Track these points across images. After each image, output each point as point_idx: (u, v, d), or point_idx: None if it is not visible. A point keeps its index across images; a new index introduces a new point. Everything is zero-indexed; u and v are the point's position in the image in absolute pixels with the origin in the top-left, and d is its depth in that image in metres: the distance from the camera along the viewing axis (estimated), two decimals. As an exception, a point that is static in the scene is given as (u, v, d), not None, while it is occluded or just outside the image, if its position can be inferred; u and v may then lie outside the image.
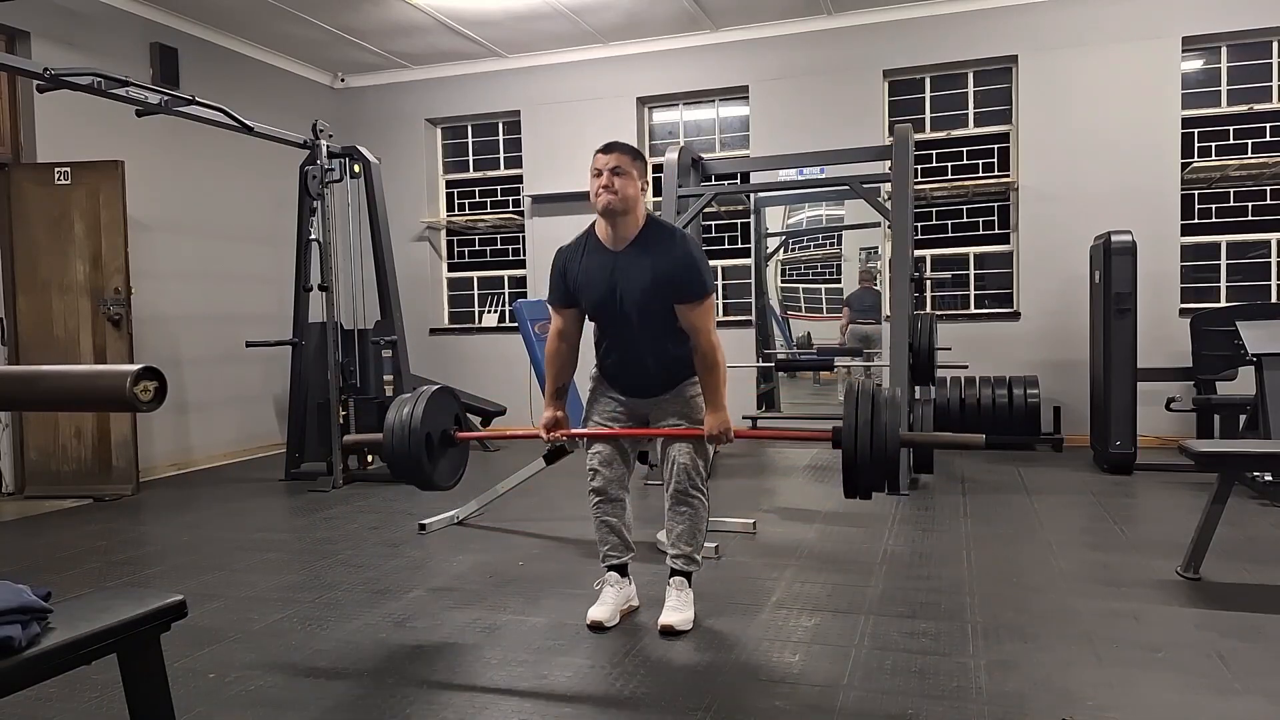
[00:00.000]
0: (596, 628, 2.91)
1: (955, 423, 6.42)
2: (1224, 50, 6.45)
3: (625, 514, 3.04)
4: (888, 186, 5.65)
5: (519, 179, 8.06)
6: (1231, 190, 6.52)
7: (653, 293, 2.78)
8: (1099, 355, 5.58)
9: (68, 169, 5.49)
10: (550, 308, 3.02)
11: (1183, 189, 6.44)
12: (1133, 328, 5.37)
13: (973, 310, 7.06)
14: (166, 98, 4.90)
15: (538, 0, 6.54)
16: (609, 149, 2.83)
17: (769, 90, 7.28)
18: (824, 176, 6.57)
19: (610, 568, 3.04)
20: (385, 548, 4.10)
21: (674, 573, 2.98)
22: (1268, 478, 4.58)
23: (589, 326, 3.03)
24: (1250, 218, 6.50)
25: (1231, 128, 6.46)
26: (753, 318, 7.37)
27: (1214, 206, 6.57)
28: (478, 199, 8.39)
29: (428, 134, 8.31)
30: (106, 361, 5.48)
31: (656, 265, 2.77)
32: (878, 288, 6.97)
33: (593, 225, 2.90)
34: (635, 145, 2.92)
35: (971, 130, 6.98)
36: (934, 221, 7.14)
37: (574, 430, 3.03)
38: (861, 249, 7.21)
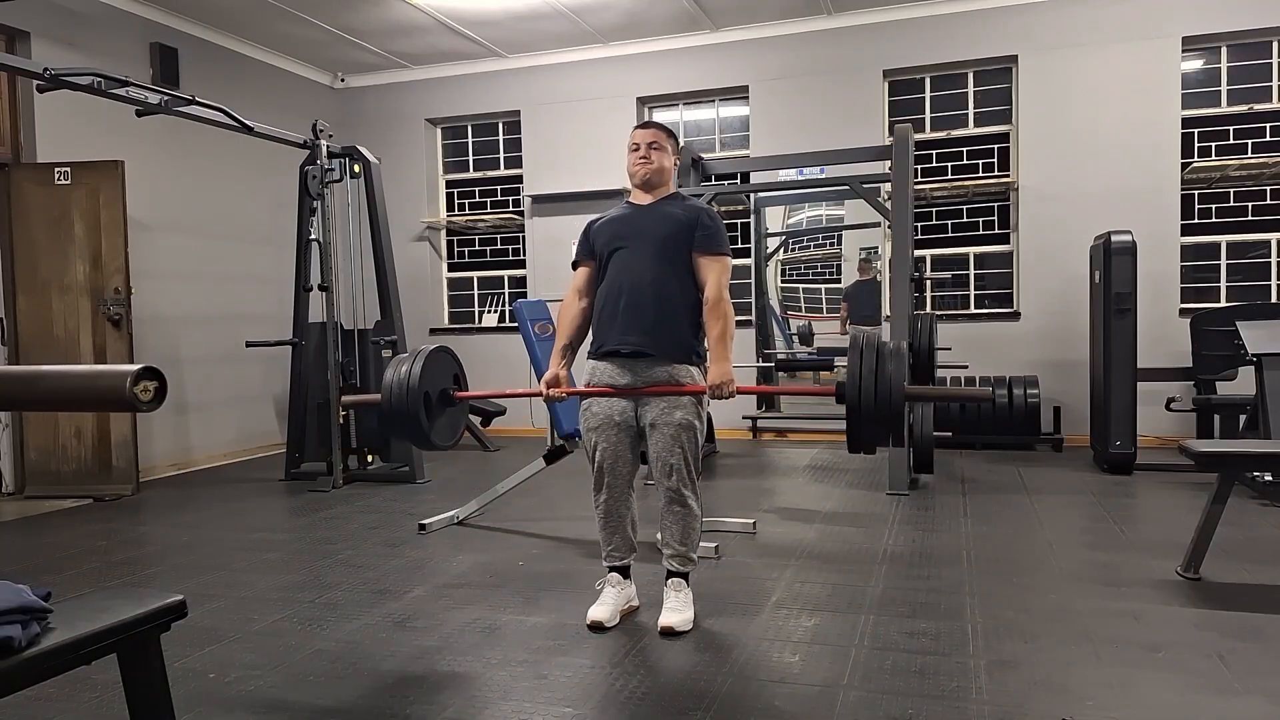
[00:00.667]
0: (596, 628, 2.91)
1: (955, 422, 6.43)
2: (1224, 50, 6.45)
3: (629, 513, 3.04)
4: (888, 186, 5.65)
5: (519, 179, 8.06)
6: (1231, 190, 6.52)
7: (674, 235, 2.93)
8: (1099, 355, 5.58)
9: (68, 169, 5.49)
10: (573, 271, 3.12)
11: (1183, 189, 6.44)
12: (1133, 328, 5.37)
13: (973, 310, 7.07)
14: (166, 98, 4.90)
15: (538, 0, 6.54)
16: (646, 125, 3.06)
17: (769, 90, 7.28)
18: (824, 176, 6.58)
19: (612, 568, 3.04)
20: (385, 548, 4.10)
21: (671, 574, 2.98)
22: (1268, 478, 4.58)
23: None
24: (1250, 218, 6.50)
25: (1231, 128, 6.46)
26: (753, 318, 7.37)
27: (1214, 206, 6.57)
28: (478, 199, 8.40)
29: (428, 134, 8.31)
30: (106, 361, 5.48)
31: (682, 215, 2.96)
32: (877, 279, 6.94)
33: (624, 201, 3.12)
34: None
35: (971, 130, 6.98)
36: (934, 221, 7.15)
37: (573, 389, 3.03)
38: (861, 249, 7.21)
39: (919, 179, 6.88)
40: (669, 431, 2.86)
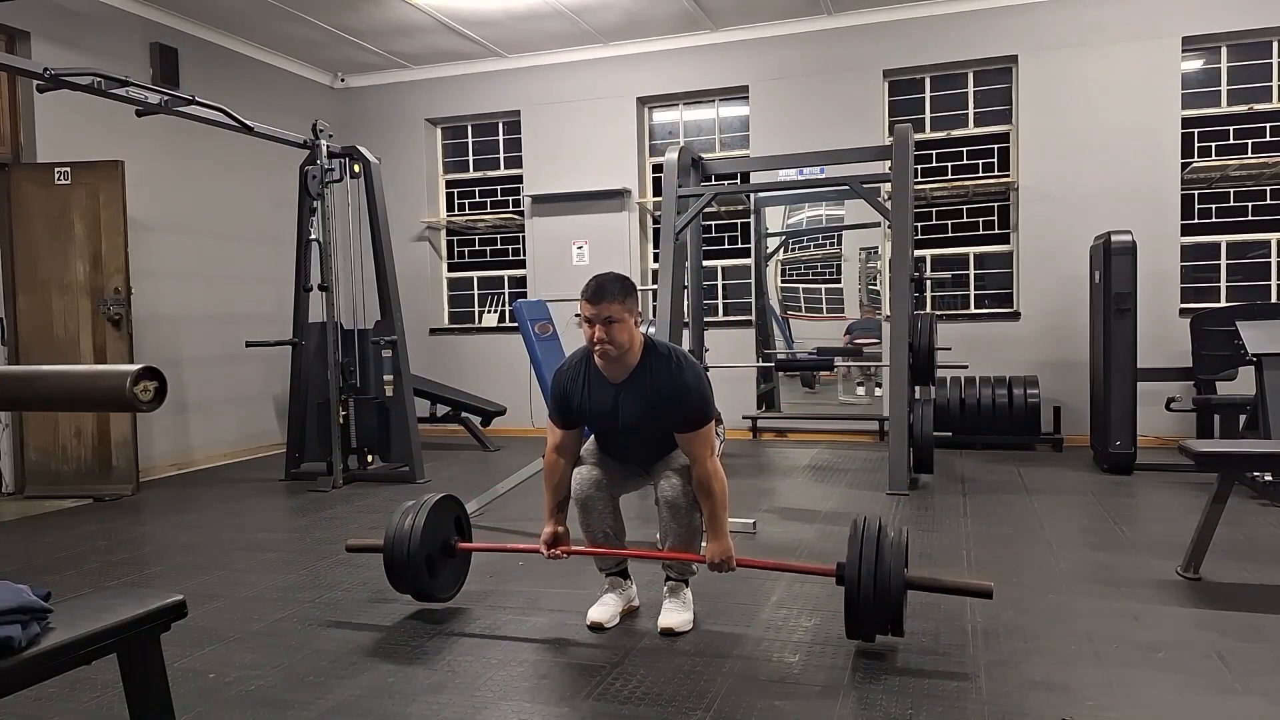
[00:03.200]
0: (596, 628, 2.91)
1: (955, 423, 6.43)
2: (1224, 50, 6.45)
3: (616, 520, 3.01)
4: (888, 186, 5.65)
5: (519, 179, 8.06)
6: (1231, 190, 6.53)
7: (653, 419, 2.80)
8: (1099, 355, 5.58)
9: (68, 169, 5.49)
10: (549, 422, 3.00)
11: (1183, 189, 6.44)
12: (1133, 328, 5.37)
13: (973, 310, 7.07)
14: (166, 98, 4.90)
15: (538, 0, 6.54)
16: (596, 298, 2.69)
17: (769, 90, 7.28)
18: (824, 176, 6.57)
19: (609, 575, 3.04)
20: (385, 548, 4.09)
21: (670, 577, 2.98)
22: (1268, 478, 4.58)
23: None
24: (1250, 218, 6.50)
25: (1231, 128, 6.46)
26: (753, 318, 7.37)
27: (1214, 206, 6.57)
28: (478, 199, 8.40)
29: (428, 134, 8.31)
30: (106, 361, 5.48)
31: (657, 394, 2.77)
32: (879, 317, 6.96)
33: (590, 353, 2.83)
34: (623, 277, 2.82)
35: (971, 130, 6.98)
36: (934, 221, 7.15)
37: (575, 548, 3.01)
38: (861, 249, 7.21)
39: (919, 179, 6.88)
40: (677, 468, 2.89)
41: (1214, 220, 6.57)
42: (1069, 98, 6.59)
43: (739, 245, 7.66)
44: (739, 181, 7.09)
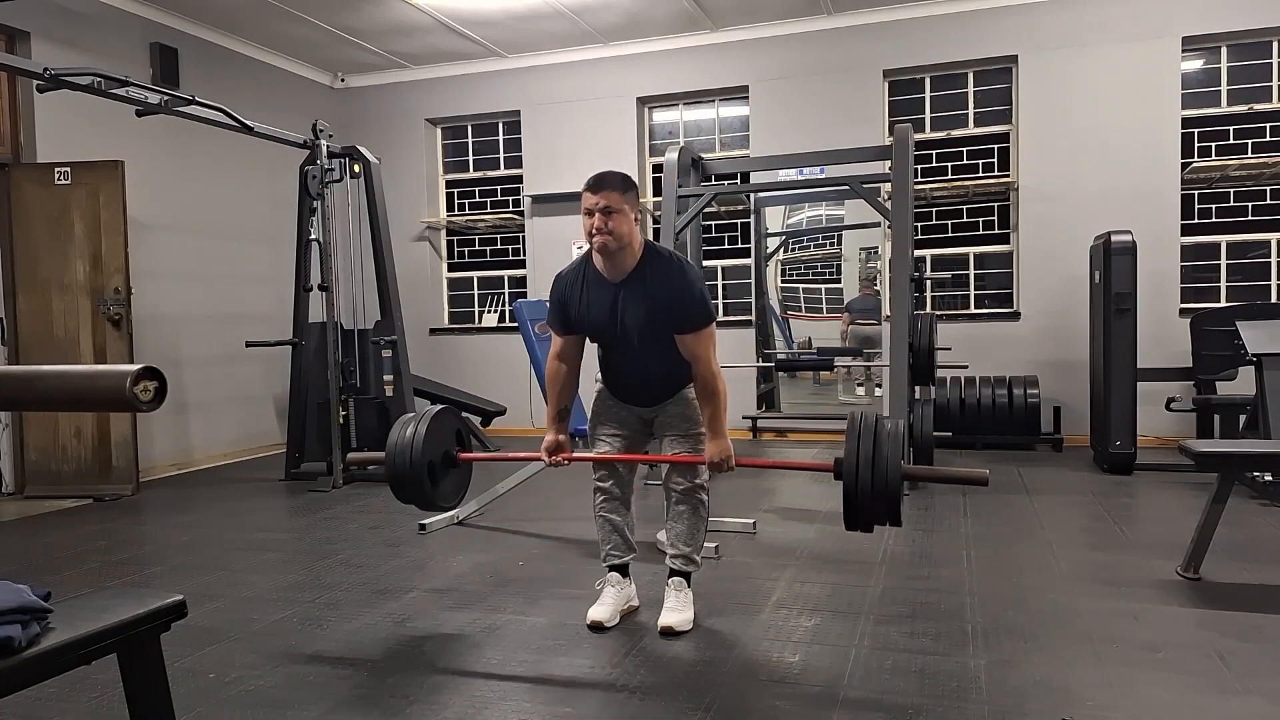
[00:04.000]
0: (596, 628, 2.91)
1: (955, 423, 6.43)
2: (1224, 50, 6.45)
3: (628, 513, 3.05)
4: (888, 186, 5.65)
5: (519, 179, 8.06)
6: (1231, 190, 6.52)
7: (654, 321, 2.77)
8: (1099, 355, 5.58)
9: (68, 169, 5.49)
10: (550, 330, 3.01)
11: (1183, 189, 6.44)
12: (1133, 328, 5.37)
13: (973, 310, 7.07)
14: (166, 98, 4.90)
15: (538, 0, 6.54)
16: (598, 186, 2.74)
17: (769, 90, 7.28)
18: (824, 176, 6.57)
19: (611, 568, 3.04)
20: (385, 548, 4.10)
21: (673, 573, 2.98)
22: (1268, 478, 4.58)
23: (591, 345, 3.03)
24: (1250, 218, 6.50)
25: (1231, 128, 6.46)
26: (753, 318, 7.37)
27: (1214, 206, 6.57)
28: (478, 199, 8.40)
29: (428, 134, 8.31)
30: (106, 361, 5.48)
31: (657, 295, 2.75)
32: (877, 290, 6.97)
33: (589, 254, 2.85)
34: (624, 173, 2.87)
35: (971, 130, 6.98)
36: (934, 221, 7.15)
37: (576, 455, 3.02)
38: (861, 249, 7.21)
39: (919, 179, 6.88)
40: (682, 433, 2.90)
41: (1214, 220, 6.57)
42: (1069, 98, 6.59)
43: (739, 245, 7.66)
44: (739, 181, 7.09)
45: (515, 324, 6.02)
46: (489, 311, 8.37)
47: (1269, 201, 6.45)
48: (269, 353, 6.55)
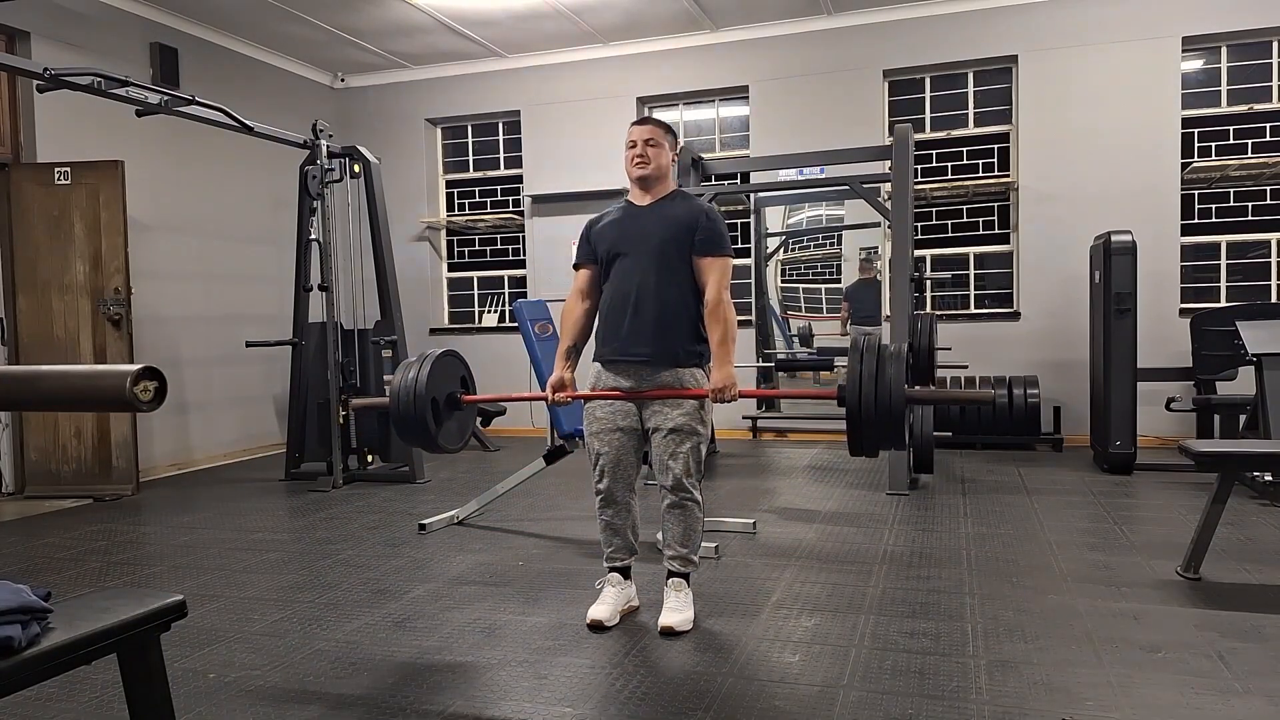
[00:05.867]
0: (596, 627, 2.92)
1: (955, 423, 6.43)
2: (1224, 50, 6.45)
3: (630, 516, 3.04)
4: (888, 186, 5.65)
5: (519, 179, 8.06)
6: (1231, 190, 6.52)
7: (673, 239, 2.90)
8: (1099, 355, 5.58)
9: (68, 169, 5.49)
10: (574, 271, 3.10)
11: (1183, 189, 6.44)
12: (1133, 328, 5.37)
13: (973, 310, 7.07)
14: (166, 98, 4.90)
15: (538, 0, 6.54)
16: (643, 122, 3.01)
17: (769, 90, 7.28)
18: (824, 176, 6.58)
19: (613, 569, 3.05)
20: (385, 548, 4.10)
21: (671, 574, 2.98)
22: (1268, 478, 4.58)
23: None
24: (1250, 218, 6.50)
25: (1231, 128, 6.46)
26: (753, 318, 7.37)
27: (1214, 206, 6.57)
28: (478, 199, 8.39)
29: (428, 134, 8.31)
30: (106, 361, 5.48)
31: (682, 217, 2.92)
32: (878, 279, 6.95)
33: (624, 200, 3.07)
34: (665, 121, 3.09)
35: (971, 130, 6.98)
36: (934, 221, 7.15)
37: (578, 392, 3.03)
38: (861, 249, 7.21)
39: (919, 179, 6.88)
40: (672, 434, 2.88)
41: (1214, 220, 6.57)
42: (1069, 98, 6.59)
43: (739, 245, 7.65)
44: (739, 181, 7.09)
45: (515, 324, 6.02)
46: (489, 311, 8.37)
47: (1269, 201, 6.45)
48: (269, 353, 6.55)
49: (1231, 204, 6.53)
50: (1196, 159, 6.44)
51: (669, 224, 2.91)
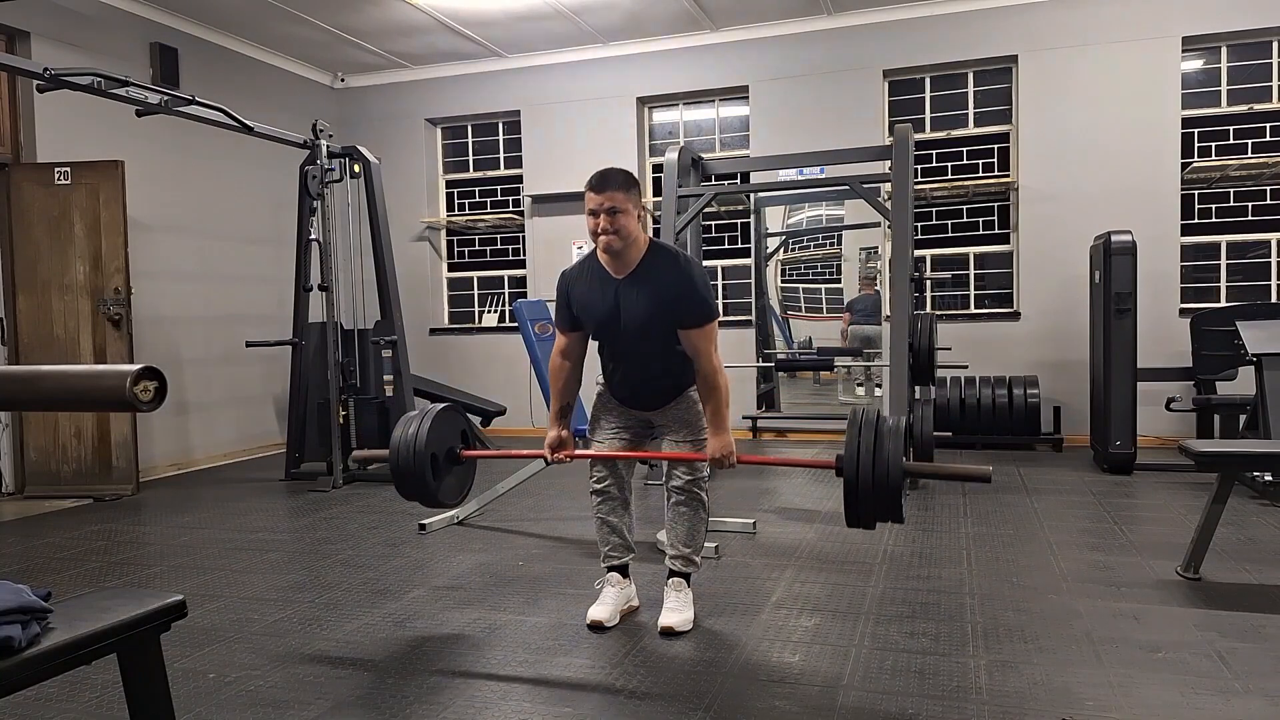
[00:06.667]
0: (596, 628, 2.92)
1: (955, 423, 6.43)
2: (1224, 50, 6.45)
3: (627, 514, 3.05)
4: (888, 186, 5.65)
5: (519, 179, 8.06)
6: (1231, 190, 6.52)
7: (656, 317, 2.77)
8: (1099, 355, 5.58)
9: (68, 169, 5.49)
10: (555, 329, 3.02)
11: (1183, 189, 6.44)
12: (1133, 328, 5.37)
13: (973, 310, 7.06)
14: (166, 98, 4.90)
15: (538, 0, 6.54)
16: (601, 185, 2.73)
17: (769, 90, 7.28)
18: (824, 176, 6.57)
19: (611, 568, 3.04)
20: (385, 548, 4.10)
21: (673, 574, 2.98)
22: (1268, 478, 4.57)
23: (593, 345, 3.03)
24: (1250, 218, 6.50)
25: (1231, 128, 6.46)
26: (753, 318, 7.37)
27: (1214, 206, 6.57)
28: (478, 199, 8.40)
29: (428, 134, 8.31)
30: (106, 361, 5.48)
31: (659, 291, 2.75)
32: (878, 290, 6.97)
33: (595, 251, 2.86)
34: (626, 170, 2.87)
35: (971, 130, 6.98)
36: (934, 221, 7.14)
37: (578, 451, 3.02)
38: (861, 249, 7.21)
39: (919, 179, 6.88)
40: (683, 437, 2.90)
41: (1214, 220, 6.57)
42: (1069, 98, 6.59)
43: (739, 245, 7.66)
44: (739, 181, 7.09)
45: (515, 324, 6.02)
46: (489, 311, 8.37)
47: (1269, 201, 6.45)
48: (269, 353, 6.55)
49: (1231, 204, 6.53)
50: (1196, 159, 6.44)
51: (649, 300, 2.75)
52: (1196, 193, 6.56)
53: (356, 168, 5.90)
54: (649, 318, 2.77)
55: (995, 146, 6.95)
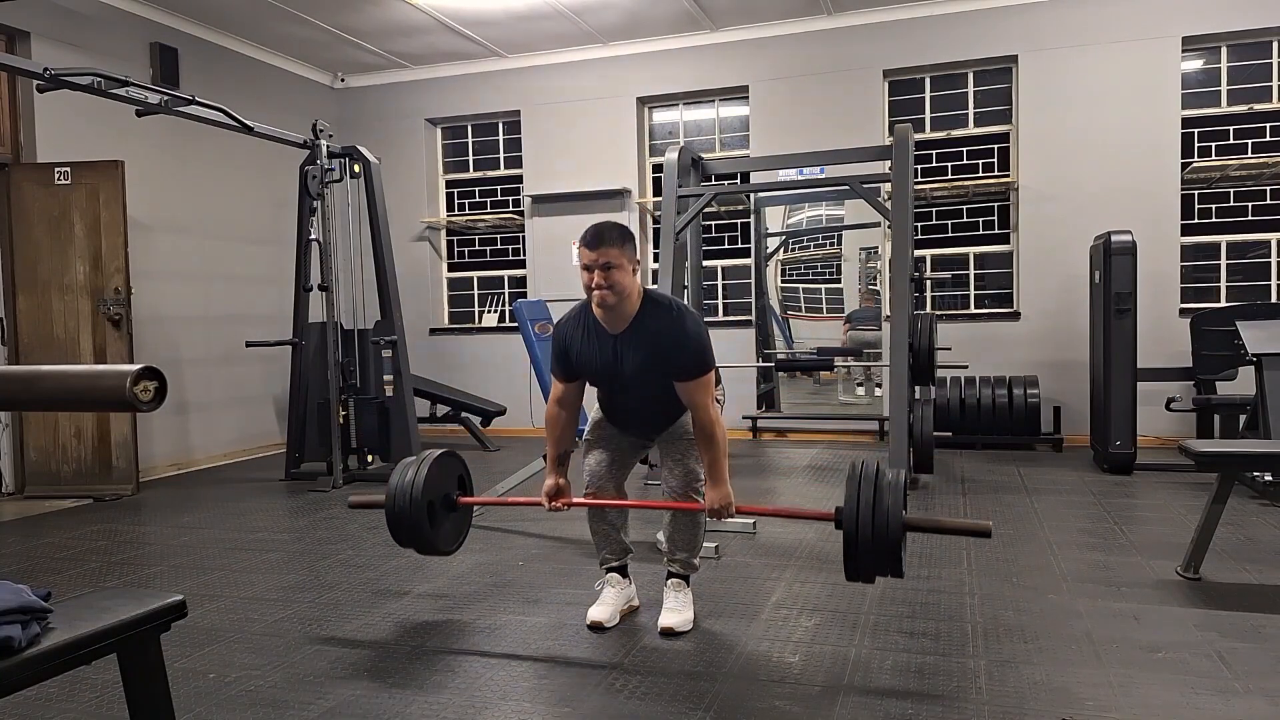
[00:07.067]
0: (596, 628, 2.92)
1: (955, 423, 6.42)
2: (1224, 50, 6.45)
3: (622, 516, 3.04)
4: (888, 186, 5.65)
5: (519, 179, 8.06)
6: (1231, 190, 6.52)
7: (652, 370, 2.76)
8: (1099, 355, 5.58)
9: (68, 169, 5.49)
10: (553, 376, 3.00)
11: (1183, 189, 6.44)
12: (1133, 328, 5.37)
13: (973, 310, 7.07)
14: (166, 98, 4.90)
15: (538, 0, 6.54)
16: (595, 242, 2.67)
17: (769, 90, 7.28)
18: (824, 176, 6.57)
19: (609, 570, 3.05)
20: (385, 548, 4.09)
21: (672, 575, 2.98)
22: (1268, 478, 4.57)
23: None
24: (1250, 218, 6.50)
25: (1231, 128, 6.46)
26: (753, 318, 7.37)
27: (1214, 206, 6.57)
28: (478, 199, 8.40)
29: (428, 134, 8.31)
30: (106, 361, 5.48)
31: (655, 346, 2.73)
32: (878, 302, 6.98)
33: (588, 304, 2.80)
34: (621, 225, 2.84)
35: (971, 130, 6.98)
36: (934, 221, 7.15)
37: (576, 500, 3.00)
38: (861, 249, 7.21)
39: (919, 179, 6.88)
40: (684, 440, 2.90)
41: (1214, 220, 6.57)
42: (1069, 98, 6.59)
43: (739, 245, 7.66)
44: (739, 181, 7.08)
45: (515, 324, 6.03)
46: (489, 311, 8.37)
47: (1269, 201, 6.45)
48: (269, 353, 6.55)
49: (1231, 204, 6.53)
50: (1196, 159, 6.44)
51: (646, 354, 2.74)
52: (1196, 193, 6.56)
53: (356, 168, 5.90)
54: (647, 371, 2.77)
55: (995, 146, 6.95)
